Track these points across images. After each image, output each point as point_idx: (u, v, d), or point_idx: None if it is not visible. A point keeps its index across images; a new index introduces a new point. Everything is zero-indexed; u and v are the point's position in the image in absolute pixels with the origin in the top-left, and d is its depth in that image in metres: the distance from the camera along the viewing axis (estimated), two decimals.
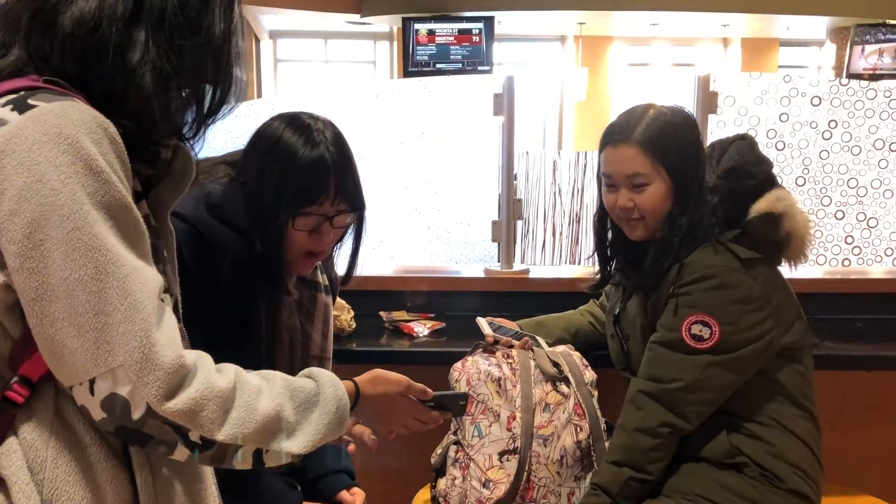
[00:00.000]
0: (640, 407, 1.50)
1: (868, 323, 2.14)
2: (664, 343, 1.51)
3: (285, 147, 1.30)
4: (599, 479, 1.51)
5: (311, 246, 1.34)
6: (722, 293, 1.46)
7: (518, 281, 2.28)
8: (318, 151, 1.29)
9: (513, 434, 1.59)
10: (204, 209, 1.30)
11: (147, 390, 0.76)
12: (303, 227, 1.31)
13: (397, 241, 2.56)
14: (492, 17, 8.45)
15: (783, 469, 1.47)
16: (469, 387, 1.63)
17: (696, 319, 1.46)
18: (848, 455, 2.04)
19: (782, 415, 1.50)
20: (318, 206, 1.30)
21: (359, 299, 2.06)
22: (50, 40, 0.80)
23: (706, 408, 1.48)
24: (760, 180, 1.53)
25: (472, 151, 2.48)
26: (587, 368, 1.70)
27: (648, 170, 1.51)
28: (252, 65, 10.32)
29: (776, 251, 1.54)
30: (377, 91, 2.52)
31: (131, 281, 0.76)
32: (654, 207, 1.53)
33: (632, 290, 1.64)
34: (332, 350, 1.55)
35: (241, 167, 1.36)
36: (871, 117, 2.37)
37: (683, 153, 1.53)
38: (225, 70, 0.89)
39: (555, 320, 1.90)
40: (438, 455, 1.68)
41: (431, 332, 2.07)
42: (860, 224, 2.45)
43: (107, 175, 0.76)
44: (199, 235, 1.28)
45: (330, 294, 1.54)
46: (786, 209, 1.49)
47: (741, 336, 1.46)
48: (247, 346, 1.31)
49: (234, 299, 1.31)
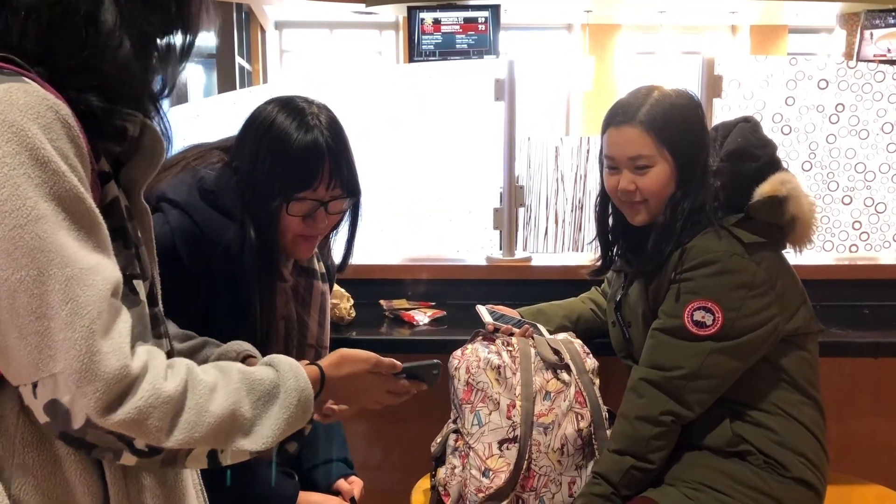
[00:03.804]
0: (641, 395, 1.48)
1: (875, 309, 2.11)
2: (666, 330, 1.49)
3: (278, 131, 1.28)
4: (601, 468, 1.50)
5: (305, 231, 1.33)
6: (724, 279, 1.44)
7: (520, 269, 2.26)
8: (312, 136, 1.27)
9: (513, 422, 1.57)
10: (197, 195, 1.29)
11: (86, 402, 0.72)
12: (297, 212, 1.30)
13: (398, 229, 2.54)
14: (498, 5, 8.40)
15: (788, 457, 1.44)
16: (469, 374, 1.61)
17: (699, 305, 1.44)
18: (854, 444, 2.01)
19: (786, 402, 1.48)
20: (312, 191, 1.29)
21: (359, 287, 2.05)
22: (7, 14, 0.74)
23: (709, 395, 1.46)
24: (763, 163, 1.50)
25: (473, 138, 2.46)
26: (588, 356, 1.67)
27: (652, 151, 1.49)
28: (258, 55, 10.32)
29: (780, 235, 1.51)
30: (379, 77, 2.49)
31: (75, 284, 0.71)
32: (656, 190, 1.51)
33: (633, 276, 1.61)
34: (328, 339, 1.54)
35: (234, 152, 1.34)
36: (879, 100, 2.33)
37: (687, 135, 1.50)
38: (192, 11, 0.84)
39: (556, 308, 1.87)
40: (438, 444, 1.66)
41: (432, 320, 2.05)
42: (868, 209, 2.41)
43: (55, 164, 0.71)
44: (192, 222, 1.27)
45: (327, 282, 1.52)
46: (790, 192, 1.47)
47: (744, 322, 1.43)
48: (242, 333, 1.29)
49: (229, 286, 1.30)
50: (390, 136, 2.50)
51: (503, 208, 2.33)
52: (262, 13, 10.08)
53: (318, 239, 1.38)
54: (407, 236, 2.54)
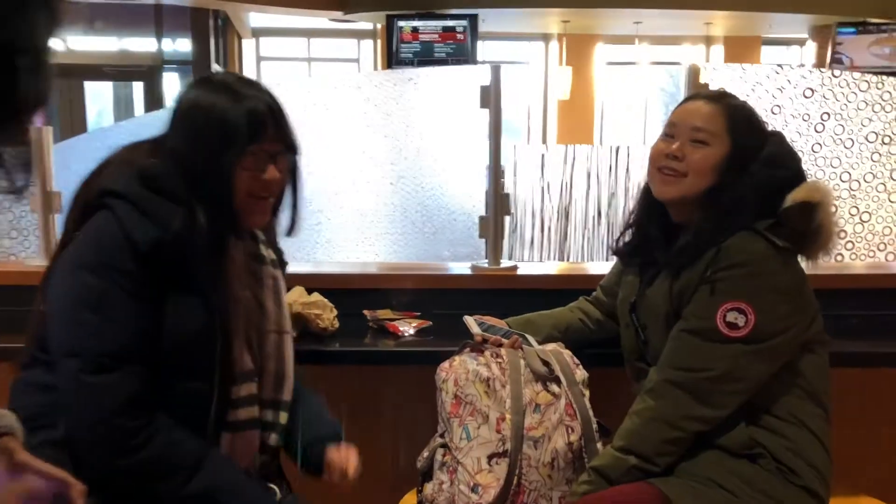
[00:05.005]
0: (662, 396, 1.45)
1: (863, 320, 2.10)
2: (694, 331, 1.46)
3: (221, 95, 1.31)
4: (599, 463, 1.46)
5: (256, 189, 1.34)
6: (759, 280, 1.44)
7: (506, 278, 2.23)
8: (254, 93, 1.33)
9: (502, 436, 1.53)
10: (139, 184, 1.29)
11: None
12: (249, 166, 1.31)
13: (382, 238, 2.50)
14: (476, 14, 8.44)
15: (800, 465, 1.43)
16: (457, 387, 1.57)
17: (732, 307, 1.42)
18: (844, 455, 1.99)
19: (802, 411, 1.47)
20: (259, 144, 1.31)
21: (342, 298, 2.01)
22: None
23: (738, 398, 1.44)
24: (794, 172, 1.52)
25: (457, 146, 2.43)
26: (578, 367, 1.65)
27: (717, 130, 1.51)
28: (235, 63, 10.24)
29: (803, 243, 1.50)
30: (359, 83, 2.45)
31: None
32: (702, 168, 1.51)
33: (661, 268, 1.58)
34: (289, 324, 1.51)
35: (169, 136, 1.35)
36: (863, 109, 2.33)
37: (752, 135, 1.54)
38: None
39: (544, 318, 1.84)
40: (425, 458, 1.62)
41: (417, 331, 2.01)
42: (853, 218, 2.42)
43: None
44: (140, 210, 1.27)
45: (278, 268, 1.52)
46: (822, 199, 1.47)
47: (774, 326, 1.43)
48: (200, 318, 1.29)
49: (182, 271, 1.29)
50: (373, 142, 2.46)
51: (489, 216, 2.30)
52: (240, 21, 10.02)
53: (268, 202, 1.38)
54: (390, 245, 2.50)
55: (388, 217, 2.49)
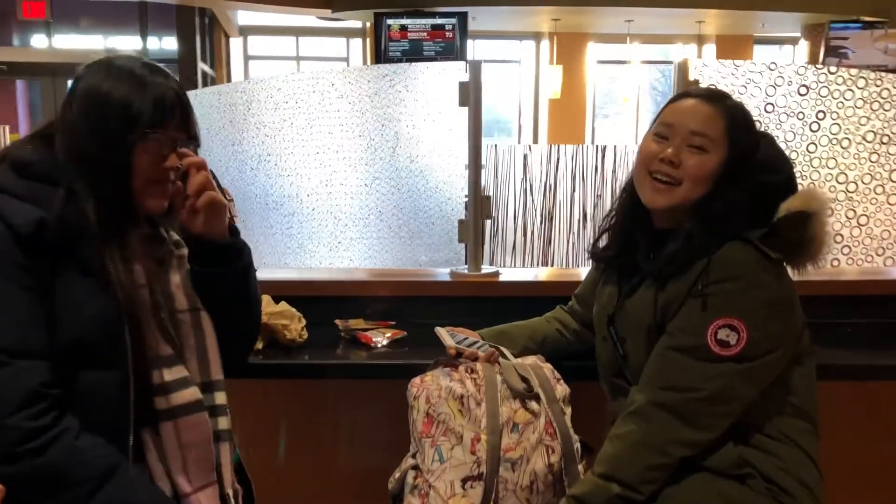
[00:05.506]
0: (648, 419, 1.36)
1: (858, 328, 2.03)
2: (682, 349, 1.37)
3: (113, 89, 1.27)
4: (579, 491, 1.37)
5: (156, 174, 1.31)
6: (752, 294, 1.35)
7: (487, 285, 2.14)
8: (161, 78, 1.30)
9: (477, 458, 1.43)
10: (11, 172, 1.25)
11: None
12: (151, 150, 1.28)
13: (356, 243, 2.40)
14: (465, 12, 8.39)
15: (792, 485, 1.36)
16: (429, 405, 1.47)
17: (724, 323, 1.34)
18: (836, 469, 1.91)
19: (792, 428, 1.40)
20: (163, 129, 1.29)
21: (312, 306, 1.91)
22: None
23: (728, 419, 1.36)
24: (786, 177, 1.45)
25: (436, 146, 2.33)
26: (559, 382, 1.55)
27: (717, 135, 1.42)
28: (221, 61, 10.13)
29: (795, 254, 1.42)
30: (332, 79, 2.34)
31: None
32: (698, 175, 1.41)
33: (645, 276, 1.49)
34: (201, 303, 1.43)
35: (61, 117, 1.29)
36: (860, 107, 2.24)
37: (749, 139, 1.45)
38: None
39: (520, 329, 1.75)
40: (396, 480, 1.52)
41: (391, 341, 1.91)
42: (850, 222, 2.33)
43: None
44: (15, 197, 1.21)
45: (184, 246, 1.44)
46: (818, 209, 1.39)
47: (766, 344, 1.35)
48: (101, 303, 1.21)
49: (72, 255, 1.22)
50: (347, 142, 2.36)
51: (469, 220, 2.21)
52: (227, 19, 9.91)
53: (167, 186, 1.33)
54: (364, 250, 2.40)
55: (362, 220, 2.39)
